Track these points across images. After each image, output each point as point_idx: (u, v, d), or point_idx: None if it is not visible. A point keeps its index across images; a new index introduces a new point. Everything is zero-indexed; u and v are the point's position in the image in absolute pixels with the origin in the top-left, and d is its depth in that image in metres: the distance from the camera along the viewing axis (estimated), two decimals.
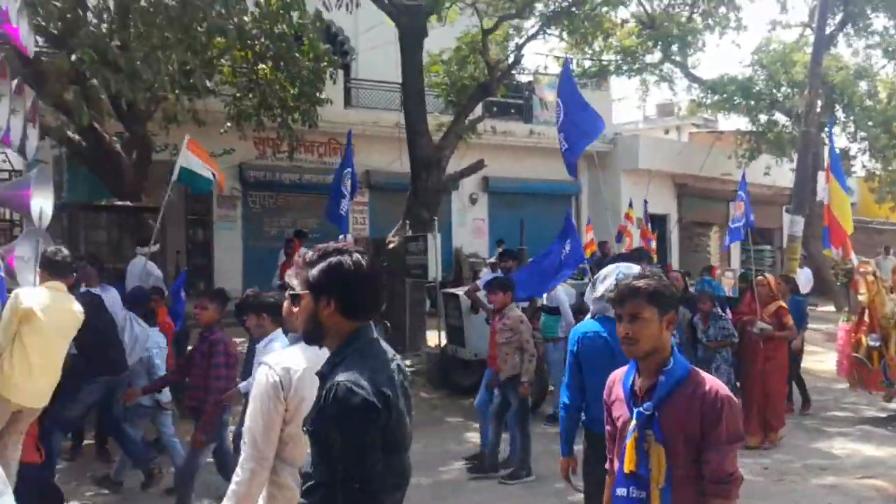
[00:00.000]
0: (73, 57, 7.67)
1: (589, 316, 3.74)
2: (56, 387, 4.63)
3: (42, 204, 5.52)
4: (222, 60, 10.44)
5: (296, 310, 2.18)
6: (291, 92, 11.14)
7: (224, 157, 13.85)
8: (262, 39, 10.24)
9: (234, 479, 2.51)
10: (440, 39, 12.71)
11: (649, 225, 14.08)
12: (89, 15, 8.56)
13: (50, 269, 4.60)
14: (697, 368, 2.51)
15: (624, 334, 2.46)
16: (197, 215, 14.69)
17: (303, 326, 2.17)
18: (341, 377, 2.01)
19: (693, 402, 2.35)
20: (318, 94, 11.16)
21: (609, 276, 3.59)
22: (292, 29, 10.55)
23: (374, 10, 11.36)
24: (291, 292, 2.21)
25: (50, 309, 4.39)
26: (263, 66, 10.74)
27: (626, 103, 58.05)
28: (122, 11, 8.45)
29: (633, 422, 2.41)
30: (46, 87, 8.78)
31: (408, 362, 11.47)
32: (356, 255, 2.14)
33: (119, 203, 10.47)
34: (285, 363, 2.58)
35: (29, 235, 5.34)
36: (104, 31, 8.53)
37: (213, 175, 8.72)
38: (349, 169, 9.56)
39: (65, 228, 12.69)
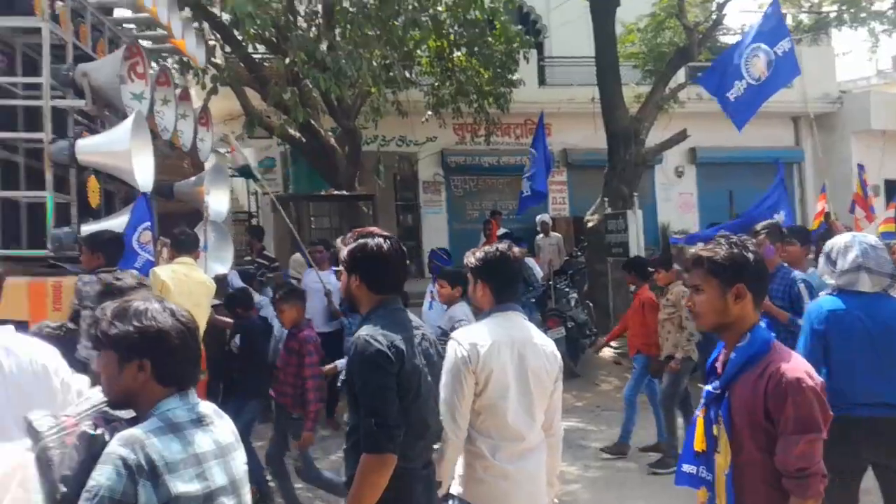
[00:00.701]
0: (288, 60, 8.49)
1: (830, 291, 3.41)
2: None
3: (216, 198, 6.07)
4: (419, 52, 10.91)
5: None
6: (486, 76, 11.36)
7: (427, 144, 14.57)
8: (456, 27, 10.54)
9: (434, 448, 2.70)
10: (635, 7, 12.22)
11: (869, 192, 12.47)
12: (300, 20, 9.37)
13: (178, 246, 4.95)
14: (782, 346, 2.22)
15: (689, 306, 2.35)
16: (405, 201, 15.54)
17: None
18: (362, 332, 2.38)
19: (759, 382, 2.11)
20: (510, 77, 11.27)
21: (852, 248, 3.31)
22: (484, 14, 10.75)
23: None
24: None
25: (180, 281, 4.66)
26: (458, 53, 11.06)
27: (852, 58, 51.40)
28: (327, 14, 9.16)
29: (702, 399, 2.27)
30: (269, 90, 9.81)
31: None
32: (379, 239, 2.50)
33: (336, 192, 11.38)
34: (472, 338, 2.74)
35: (211, 226, 5.81)
36: (312, 34, 9.31)
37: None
38: (532, 150, 9.59)
39: (293, 217, 14.13)
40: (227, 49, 10.35)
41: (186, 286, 4.63)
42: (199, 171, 13.48)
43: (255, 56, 10.41)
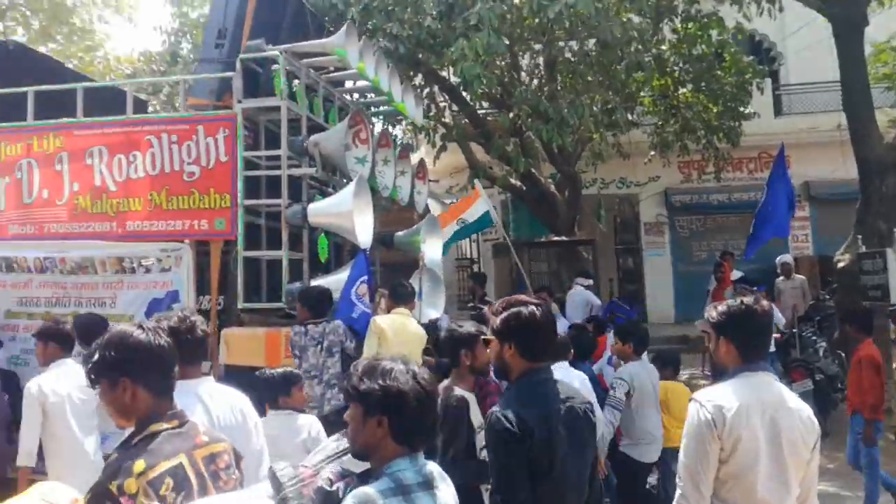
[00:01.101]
0: (512, 114, 8.74)
1: None
2: None
3: (431, 247, 6.24)
4: (641, 93, 10.70)
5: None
6: (714, 111, 10.83)
7: (649, 184, 14.15)
8: (681, 64, 10.20)
9: None
10: (886, 24, 10.98)
11: None
12: (522, 75, 9.63)
13: (396, 298, 5.05)
14: None
15: None
16: (625, 244, 15.16)
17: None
18: (497, 407, 2.41)
19: None
20: (742, 109, 10.63)
21: None
22: (711, 47, 10.30)
23: (800, 9, 10.41)
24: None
25: (397, 329, 4.77)
26: (683, 90, 10.67)
27: None
28: (549, 66, 9.32)
29: None
30: (492, 143, 10.16)
31: None
32: (532, 307, 2.49)
33: (556, 238, 11.40)
34: (717, 400, 2.51)
35: (426, 273, 5.90)
36: (535, 87, 9.51)
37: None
38: (783, 184, 8.84)
39: (513, 263, 14.39)
40: (455, 108, 10.90)
41: (403, 335, 4.76)
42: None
43: (479, 112, 10.86)
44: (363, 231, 5.12)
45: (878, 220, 9.48)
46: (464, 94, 10.56)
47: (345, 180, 5.78)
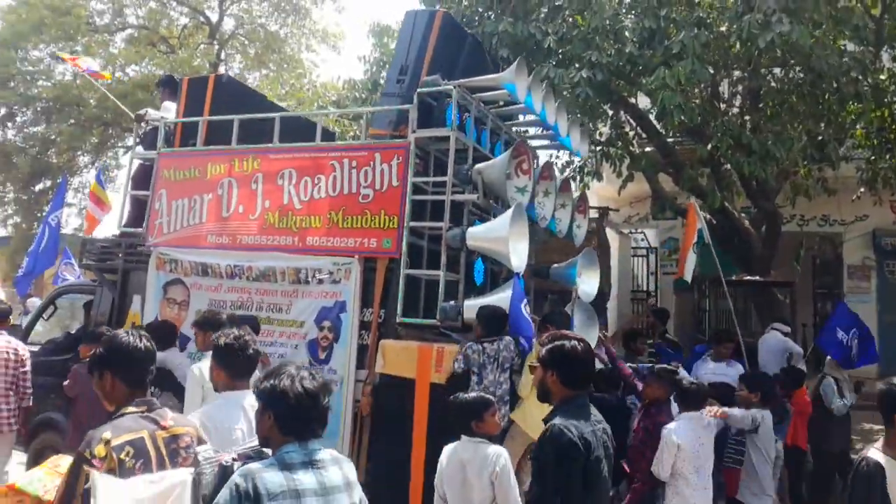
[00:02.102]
0: (710, 145, 8.33)
1: None
2: None
3: (587, 280, 6.41)
4: (855, 125, 9.82)
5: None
6: None
7: (855, 224, 12.91)
8: None
9: None
10: None
11: None
12: (722, 105, 9.16)
13: (550, 323, 5.11)
14: None
15: None
16: (826, 288, 13.90)
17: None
18: (557, 421, 2.68)
19: None
20: None
21: None
22: None
23: None
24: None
25: None
26: None
27: None
28: (752, 96, 8.81)
29: None
30: (683, 174, 9.74)
31: None
32: (574, 342, 2.85)
33: (748, 278, 10.68)
34: None
35: (580, 306, 6.02)
36: (735, 116, 9.02)
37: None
38: None
39: (695, 301, 13.67)
40: (644, 136, 10.62)
41: None
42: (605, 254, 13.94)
43: (669, 141, 10.49)
44: (517, 256, 5.26)
45: None
46: (654, 122, 10.25)
47: (504, 208, 5.93)
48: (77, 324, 8.00)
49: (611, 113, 10.46)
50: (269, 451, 2.41)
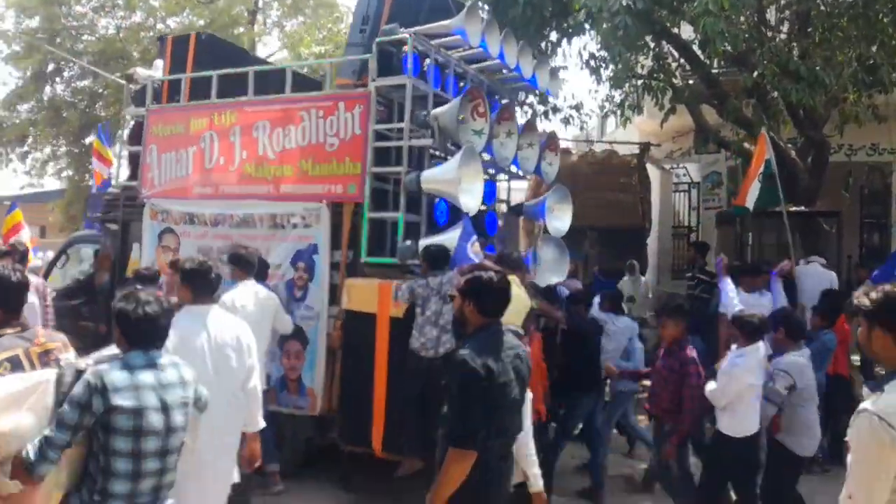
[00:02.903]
0: (756, 73, 8.11)
1: None
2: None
3: (559, 216, 6.73)
4: None
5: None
6: None
7: None
8: None
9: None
10: None
11: None
12: (769, 32, 8.87)
13: (504, 265, 5.08)
14: None
15: None
16: (874, 218, 13.60)
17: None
18: (463, 350, 2.88)
19: None
20: None
21: None
22: None
23: None
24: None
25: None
26: None
27: None
28: (801, 20, 8.51)
29: None
30: (727, 105, 9.53)
31: None
32: (490, 273, 3.07)
33: (793, 209, 10.50)
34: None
35: (550, 241, 6.56)
36: (782, 42, 8.73)
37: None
38: None
39: (737, 234, 13.52)
40: (687, 68, 10.36)
41: (513, 305, 5.06)
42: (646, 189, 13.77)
43: (714, 71, 10.23)
44: (471, 197, 5.61)
45: None
46: (698, 52, 9.97)
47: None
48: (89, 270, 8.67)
49: (653, 45, 10.21)
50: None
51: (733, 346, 5.03)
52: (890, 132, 11.70)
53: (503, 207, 7.84)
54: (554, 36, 10.45)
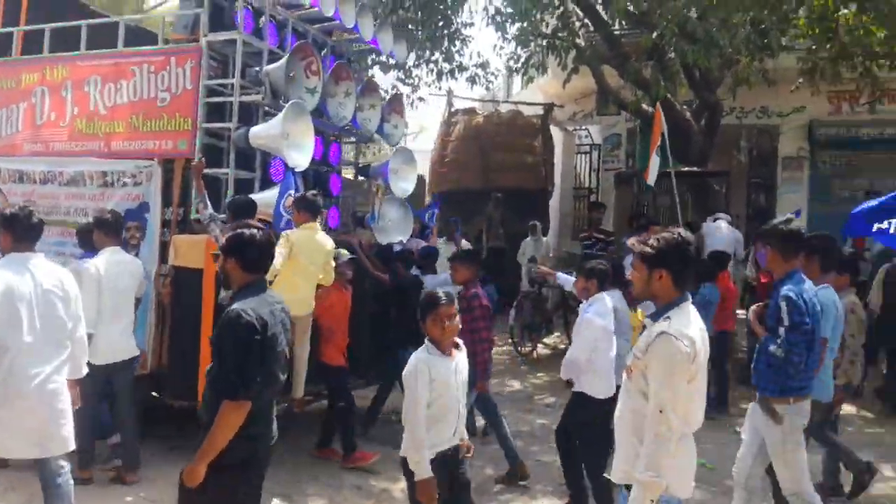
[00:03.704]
0: (654, 34, 8.24)
1: None
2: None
3: (404, 177, 6.92)
4: (799, 12, 9.80)
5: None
6: (878, 35, 9.80)
7: (792, 115, 13.18)
8: None
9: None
10: None
11: None
12: None
13: (304, 210, 5.40)
14: None
15: None
16: (761, 178, 14.31)
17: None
18: (235, 305, 2.95)
19: None
20: None
21: None
22: None
23: None
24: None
25: (306, 241, 5.30)
26: (845, 10, 9.69)
27: None
28: None
29: None
30: (627, 66, 9.68)
31: None
32: (253, 230, 3.10)
33: (686, 169, 10.88)
34: (687, 331, 2.72)
35: (394, 202, 6.83)
36: (682, 3, 8.89)
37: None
38: None
39: (633, 194, 13.94)
40: (590, 28, 10.43)
41: (308, 247, 5.35)
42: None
43: (616, 32, 10.34)
44: (301, 154, 5.76)
45: None
46: (601, 13, 10.04)
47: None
48: None
49: (558, 3, 10.20)
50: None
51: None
52: (778, 96, 12.28)
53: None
54: None
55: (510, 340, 9.83)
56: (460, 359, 3.51)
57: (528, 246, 11.19)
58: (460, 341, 3.58)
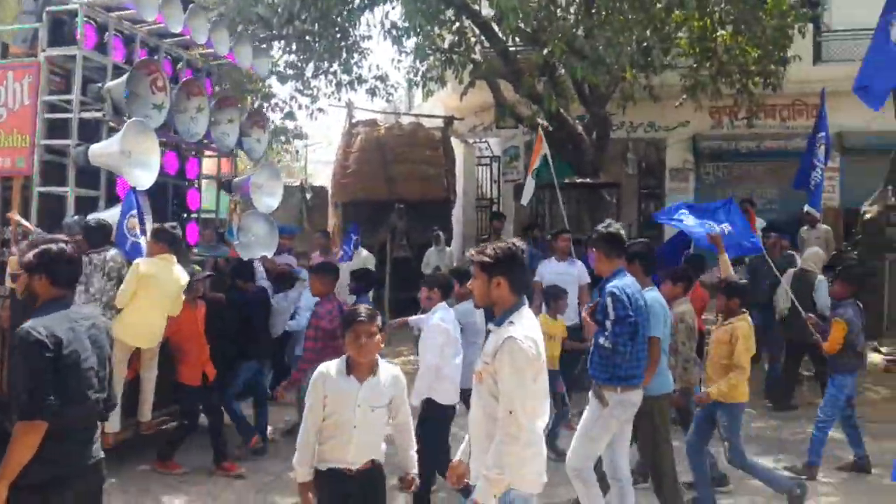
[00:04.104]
0: (546, 51, 8.51)
1: None
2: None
3: (269, 192, 6.90)
4: (680, 33, 10.36)
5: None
6: (752, 55, 10.50)
7: (678, 129, 13.90)
8: (723, 5, 9.85)
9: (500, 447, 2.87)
10: None
11: None
12: (558, 11, 9.33)
13: (165, 241, 5.41)
14: None
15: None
16: (649, 189, 14.98)
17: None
18: (27, 324, 2.84)
19: None
20: (781, 54, 10.29)
21: None
22: None
23: None
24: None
25: (160, 275, 5.28)
26: (723, 31, 10.33)
27: None
28: (586, 1, 9.02)
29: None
30: (522, 81, 9.94)
31: (884, 349, 9.99)
32: (61, 244, 3.01)
33: (580, 181, 11.27)
34: (530, 334, 2.91)
35: (259, 217, 6.79)
36: (571, 22, 9.23)
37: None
38: (822, 133, 8.58)
39: (532, 205, 14.31)
40: (486, 44, 10.65)
41: (162, 279, 5.31)
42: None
43: (511, 49, 10.61)
44: (146, 172, 5.65)
45: None
46: (496, 28, 10.27)
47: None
48: None
49: (453, 19, 10.37)
50: None
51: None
52: (664, 111, 12.91)
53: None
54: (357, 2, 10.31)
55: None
56: (377, 383, 3.31)
57: (433, 256, 11.26)
58: (389, 364, 3.44)
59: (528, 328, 2.91)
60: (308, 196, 15.79)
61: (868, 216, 10.64)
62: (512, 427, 2.79)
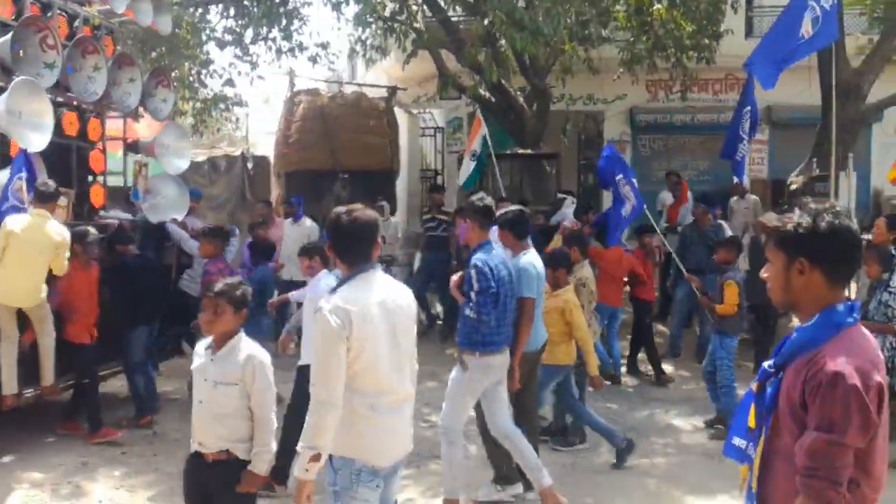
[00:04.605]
0: (486, 21, 8.59)
1: None
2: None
3: (177, 153, 6.93)
4: (617, 7, 10.55)
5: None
6: (687, 29, 10.78)
7: (615, 102, 14.17)
8: None
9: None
10: None
11: None
12: None
13: (38, 198, 5.38)
14: (849, 336, 1.92)
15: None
16: (588, 160, 15.28)
17: None
18: None
19: (802, 369, 1.91)
20: (715, 29, 10.60)
21: None
22: None
23: None
24: None
25: (30, 231, 5.21)
26: (659, 6, 10.56)
27: None
28: None
29: (757, 375, 2.10)
30: (463, 52, 9.99)
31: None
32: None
33: (521, 151, 11.44)
34: (345, 305, 2.73)
35: (170, 179, 6.86)
36: None
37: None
38: (748, 107, 8.91)
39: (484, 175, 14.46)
40: (428, 13, 10.64)
41: (33, 236, 5.23)
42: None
43: (453, 18, 10.63)
44: (39, 133, 5.47)
45: (836, 144, 9.75)
46: None
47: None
48: None
49: None
50: None
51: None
52: (602, 84, 13.14)
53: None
54: None
55: None
56: (228, 360, 3.16)
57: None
58: (254, 345, 3.28)
59: (349, 299, 2.76)
60: (250, 166, 15.56)
61: (793, 187, 11.11)
62: (314, 400, 2.73)
